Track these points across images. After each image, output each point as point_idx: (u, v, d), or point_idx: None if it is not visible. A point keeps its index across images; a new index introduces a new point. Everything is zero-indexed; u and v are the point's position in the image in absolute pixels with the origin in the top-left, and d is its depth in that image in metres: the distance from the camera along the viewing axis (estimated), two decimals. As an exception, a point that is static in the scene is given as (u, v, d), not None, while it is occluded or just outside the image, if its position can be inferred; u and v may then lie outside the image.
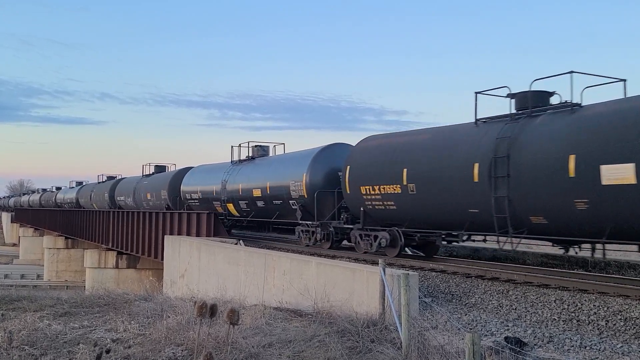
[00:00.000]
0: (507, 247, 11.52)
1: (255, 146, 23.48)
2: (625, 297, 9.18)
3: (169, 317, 9.67)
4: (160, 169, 34.98)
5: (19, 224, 72.54)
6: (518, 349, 7.16)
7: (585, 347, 7.52)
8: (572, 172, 9.94)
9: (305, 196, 17.34)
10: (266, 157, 22.83)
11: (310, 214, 17.23)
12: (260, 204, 20.36)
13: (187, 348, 7.78)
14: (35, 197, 79.93)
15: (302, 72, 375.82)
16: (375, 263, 11.52)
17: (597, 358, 7.16)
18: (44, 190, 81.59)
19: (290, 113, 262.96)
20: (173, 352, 7.74)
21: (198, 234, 21.31)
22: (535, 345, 7.73)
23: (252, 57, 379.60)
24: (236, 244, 18.42)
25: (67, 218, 46.44)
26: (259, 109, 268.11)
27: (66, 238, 48.13)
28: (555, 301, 9.40)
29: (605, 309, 8.76)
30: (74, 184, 60.44)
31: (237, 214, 22.70)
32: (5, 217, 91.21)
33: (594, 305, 8.94)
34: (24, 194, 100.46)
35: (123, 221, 30.04)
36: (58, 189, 69.25)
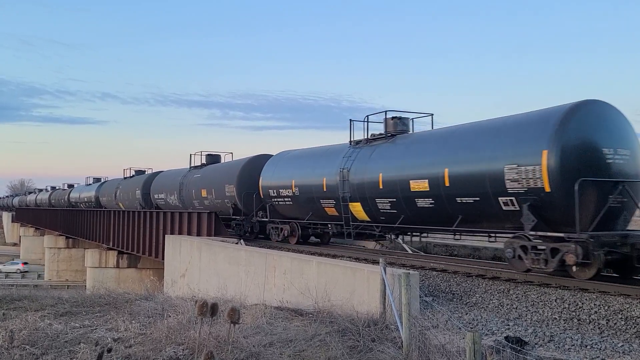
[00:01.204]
0: None
1: (393, 118, 16.35)
2: (625, 296, 9.18)
3: (169, 316, 9.67)
4: (213, 158, 27.33)
5: (20, 224, 72.66)
6: (519, 348, 7.16)
7: (586, 346, 7.52)
8: None
9: (547, 189, 10.58)
10: (426, 132, 15.59)
11: (546, 220, 10.85)
12: (423, 203, 13.62)
13: (188, 347, 7.78)
14: (43, 196, 72.45)
15: (303, 72, 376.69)
16: (375, 262, 11.51)
17: (598, 357, 7.15)
18: (53, 188, 74.35)
19: (291, 113, 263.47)
20: (174, 351, 7.74)
21: (199, 234, 21.34)
22: (536, 344, 7.73)
23: (254, 57, 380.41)
24: (237, 243, 18.45)
25: (67, 218, 46.50)
26: (260, 109, 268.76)
27: (67, 238, 48.30)
28: (556, 300, 9.40)
29: (606, 308, 8.76)
30: (90, 181, 53.09)
31: (368, 218, 15.91)
32: (6, 216, 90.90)
33: (594, 305, 8.94)
34: (29, 193, 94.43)
35: (124, 221, 30.12)
36: (70, 186, 62.21)
